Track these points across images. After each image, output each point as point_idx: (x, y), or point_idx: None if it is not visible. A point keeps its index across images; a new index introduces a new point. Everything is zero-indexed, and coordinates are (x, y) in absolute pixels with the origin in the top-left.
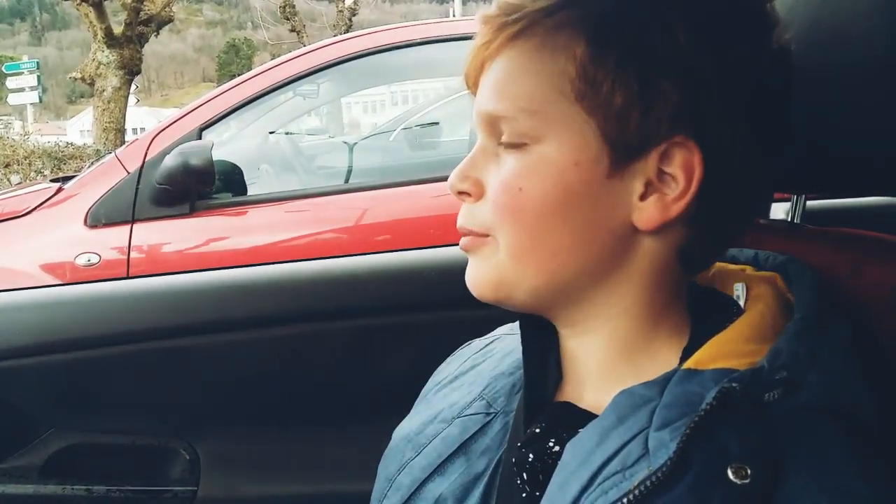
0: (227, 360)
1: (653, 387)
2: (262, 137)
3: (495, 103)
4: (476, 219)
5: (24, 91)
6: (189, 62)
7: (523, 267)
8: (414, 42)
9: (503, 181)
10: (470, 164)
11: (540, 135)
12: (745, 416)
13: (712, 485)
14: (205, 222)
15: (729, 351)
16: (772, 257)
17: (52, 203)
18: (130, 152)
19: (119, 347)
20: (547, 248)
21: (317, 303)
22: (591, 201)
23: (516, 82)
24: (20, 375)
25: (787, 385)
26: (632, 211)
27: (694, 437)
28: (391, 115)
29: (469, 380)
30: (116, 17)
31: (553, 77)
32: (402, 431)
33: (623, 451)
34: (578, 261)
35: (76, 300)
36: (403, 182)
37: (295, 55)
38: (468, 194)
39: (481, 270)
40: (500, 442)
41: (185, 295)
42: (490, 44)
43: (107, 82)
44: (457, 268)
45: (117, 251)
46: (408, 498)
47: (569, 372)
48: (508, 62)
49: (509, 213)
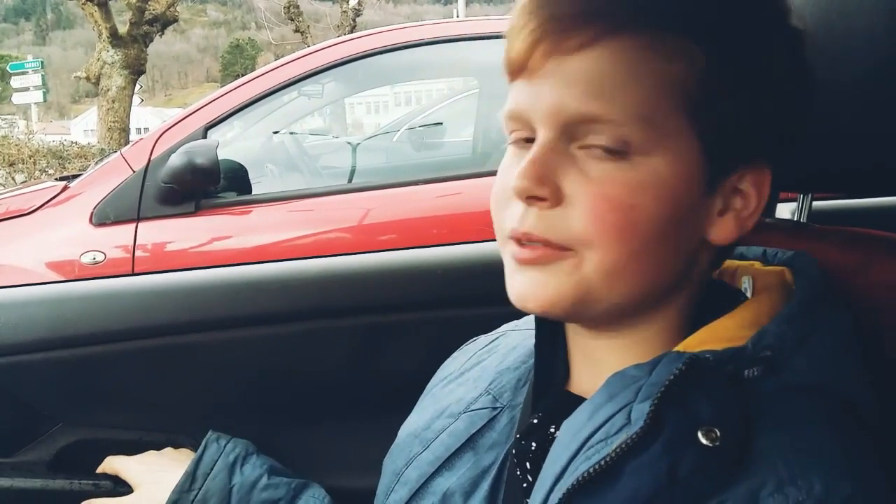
0: (235, 356)
1: (643, 367)
2: (266, 137)
3: (596, 104)
4: (557, 230)
5: (29, 90)
6: (193, 62)
7: (614, 285)
8: (417, 43)
9: (609, 196)
10: (544, 164)
11: (650, 147)
12: (719, 385)
13: (683, 446)
14: (209, 221)
15: (722, 335)
16: (780, 253)
17: (58, 201)
18: (136, 151)
19: (127, 343)
20: (643, 268)
21: (324, 300)
22: (688, 220)
23: (627, 83)
24: (29, 370)
25: (769, 364)
26: (710, 226)
27: (666, 402)
28: (394, 116)
29: (474, 375)
30: (121, 17)
31: (667, 86)
32: (408, 427)
33: (608, 423)
34: (662, 278)
35: (84, 296)
36: (407, 182)
37: (299, 55)
38: (543, 200)
39: (555, 286)
40: (507, 436)
41: (192, 291)
42: (575, 30)
43: (111, 82)
44: (462, 266)
45: (122, 249)
46: (415, 492)
47: (580, 369)
48: (612, 57)
49: (616, 232)
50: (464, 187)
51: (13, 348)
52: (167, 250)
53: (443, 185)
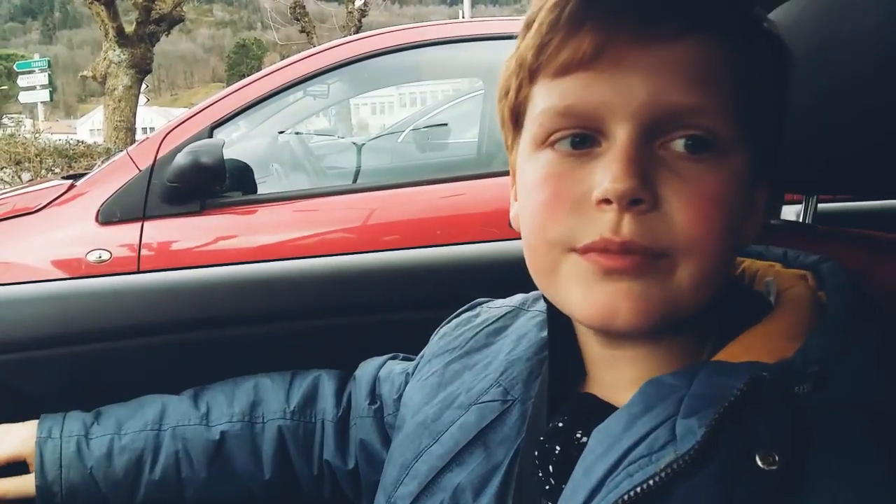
0: (239, 353)
1: (681, 377)
2: (271, 137)
3: (699, 93)
4: (657, 235)
5: (36, 89)
6: (199, 62)
7: (704, 291)
8: (423, 43)
9: (712, 195)
10: (640, 166)
11: (733, 143)
12: (775, 405)
13: (740, 470)
14: (215, 220)
15: (761, 346)
16: (802, 255)
17: (64, 200)
18: (142, 150)
19: (133, 340)
20: (726, 271)
21: (328, 298)
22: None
23: (723, 75)
24: (35, 366)
25: (818, 379)
26: (741, 226)
27: (723, 423)
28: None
29: (483, 360)
30: (128, 17)
31: (757, 81)
32: (417, 417)
33: (650, 437)
34: (726, 281)
35: (91, 293)
36: (412, 182)
37: (305, 55)
38: (643, 202)
39: (650, 297)
40: (518, 431)
41: (198, 289)
42: (665, 19)
43: (118, 81)
44: (465, 266)
45: (128, 248)
46: (426, 486)
47: (601, 373)
48: (707, 46)
49: (721, 231)
50: (468, 188)
51: (20, 344)
52: (173, 249)
53: (447, 185)
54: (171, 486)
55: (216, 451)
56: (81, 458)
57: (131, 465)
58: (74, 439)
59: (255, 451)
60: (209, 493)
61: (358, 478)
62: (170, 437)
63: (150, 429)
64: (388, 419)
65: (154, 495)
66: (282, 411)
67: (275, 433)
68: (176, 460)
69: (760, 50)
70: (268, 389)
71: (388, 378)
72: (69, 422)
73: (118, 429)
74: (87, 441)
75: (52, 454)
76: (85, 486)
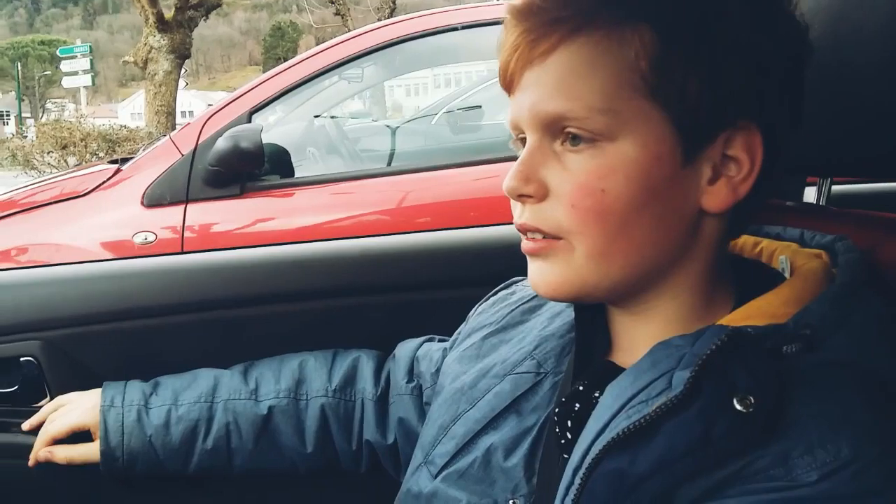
0: (279, 329)
1: (687, 338)
2: (308, 121)
3: (561, 102)
4: (547, 220)
5: (78, 74)
6: (236, 45)
7: (606, 266)
8: (457, 26)
9: (582, 184)
10: (529, 165)
11: (615, 133)
12: (757, 357)
13: (719, 411)
14: (254, 203)
15: (765, 311)
16: (819, 236)
17: (111, 184)
18: (184, 135)
19: (180, 316)
20: (631, 246)
21: (362, 278)
22: (669, 193)
23: (585, 79)
24: (94, 340)
25: (808, 341)
26: (701, 195)
27: (705, 370)
28: (433, 98)
29: (518, 335)
30: (166, 2)
31: (623, 72)
32: (455, 384)
33: (650, 386)
34: (657, 251)
35: (142, 272)
36: (445, 165)
37: (340, 40)
38: (530, 196)
39: (555, 274)
40: (549, 400)
41: (240, 269)
42: (541, 40)
43: (158, 66)
44: (497, 246)
45: (171, 230)
46: (462, 447)
47: (621, 344)
48: (571, 58)
49: (593, 217)
50: (501, 170)
51: (80, 320)
52: (213, 231)
53: (481, 168)
54: (222, 455)
55: (263, 424)
56: (142, 426)
57: (187, 434)
58: (135, 408)
59: (298, 427)
60: (255, 462)
61: (397, 452)
62: (222, 410)
63: (203, 401)
64: (427, 393)
65: (206, 462)
66: (324, 390)
67: (318, 410)
68: (227, 432)
69: (640, 36)
70: (311, 368)
71: (426, 356)
72: (130, 391)
73: (175, 399)
74: (147, 411)
75: (114, 422)
76: (144, 453)
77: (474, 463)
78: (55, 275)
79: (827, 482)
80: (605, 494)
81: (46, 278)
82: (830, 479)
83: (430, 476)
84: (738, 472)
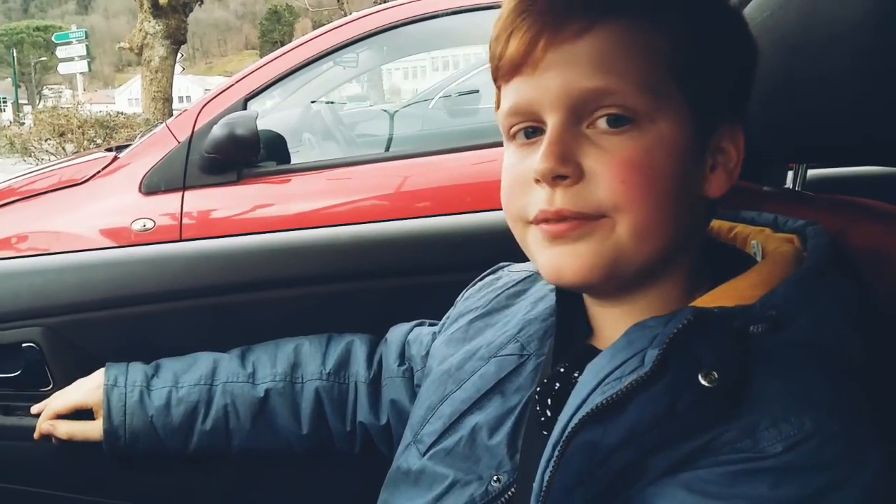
0: (274, 315)
1: (660, 319)
2: (304, 107)
3: (604, 78)
4: (587, 201)
5: (74, 60)
6: (232, 29)
7: (645, 243)
8: (454, 10)
9: (631, 159)
10: (563, 146)
11: (654, 114)
12: (722, 335)
13: (684, 386)
14: (251, 190)
15: (733, 294)
16: (791, 220)
17: (109, 171)
18: (180, 122)
19: (177, 303)
20: (668, 223)
21: (357, 263)
22: (689, 177)
23: (627, 58)
24: (94, 326)
25: (774, 321)
26: (704, 182)
27: (672, 348)
28: (431, 81)
29: (503, 318)
30: None
31: (658, 55)
32: (443, 366)
33: (624, 365)
34: (681, 233)
35: (140, 260)
36: (443, 150)
37: (337, 25)
38: (566, 177)
39: (591, 254)
40: (531, 381)
41: (236, 256)
42: (571, 20)
43: (154, 52)
44: (487, 231)
45: (170, 217)
46: (449, 425)
47: (603, 332)
48: (610, 36)
49: (643, 191)
50: (499, 154)
51: (80, 306)
52: (211, 218)
53: (478, 152)
54: (220, 436)
55: (260, 406)
56: (143, 406)
57: (187, 416)
58: (138, 389)
59: (294, 409)
60: (253, 443)
61: (390, 433)
62: (220, 392)
63: (203, 383)
64: (417, 376)
65: (205, 443)
66: (319, 373)
67: (312, 393)
68: (225, 413)
69: (669, 25)
70: (306, 352)
71: (416, 340)
72: (132, 372)
73: (175, 382)
74: (149, 392)
75: (117, 402)
76: (146, 433)
77: (460, 441)
78: (55, 263)
79: (791, 454)
80: (580, 465)
81: (47, 266)
82: (794, 450)
83: (419, 454)
84: (707, 445)
